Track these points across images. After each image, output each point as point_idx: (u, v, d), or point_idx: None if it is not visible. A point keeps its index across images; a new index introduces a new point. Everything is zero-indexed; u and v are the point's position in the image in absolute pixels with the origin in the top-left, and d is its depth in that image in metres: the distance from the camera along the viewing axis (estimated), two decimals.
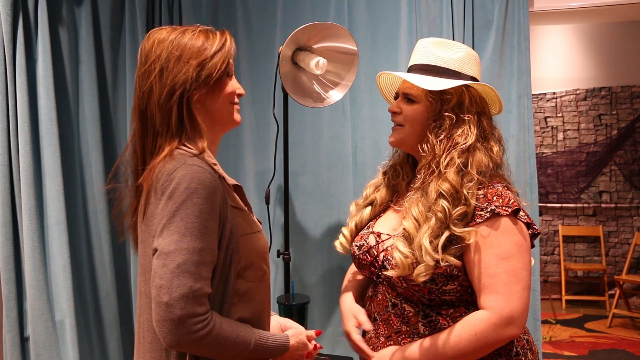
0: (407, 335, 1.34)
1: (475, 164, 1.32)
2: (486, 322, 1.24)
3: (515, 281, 1.24)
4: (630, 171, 5.73)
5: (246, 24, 2.80)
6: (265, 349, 1.18)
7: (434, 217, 1.27)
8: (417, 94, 1.41)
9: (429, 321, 1.33)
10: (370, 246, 1.43)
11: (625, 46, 5.65)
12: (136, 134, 1.20)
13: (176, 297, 1.03)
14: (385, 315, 1.38)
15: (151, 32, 1.22)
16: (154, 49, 1.17)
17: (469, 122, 1.36)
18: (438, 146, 1.35)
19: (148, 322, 1.16)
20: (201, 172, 1.10)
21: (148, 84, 1.16)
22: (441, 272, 1.27)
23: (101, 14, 2.47)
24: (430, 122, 1.39)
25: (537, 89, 5.78)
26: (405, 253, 1.28)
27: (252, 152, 2.79)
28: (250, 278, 1.18)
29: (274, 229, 2.65)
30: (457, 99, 1.37)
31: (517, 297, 1.24)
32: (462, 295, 1.32)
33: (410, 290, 1.32)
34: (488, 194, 1.31)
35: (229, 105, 1.24)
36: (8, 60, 2.04)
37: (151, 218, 1.12)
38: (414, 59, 1.48)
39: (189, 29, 1.20)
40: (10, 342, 2.07)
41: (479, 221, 1.28)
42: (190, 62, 1.15)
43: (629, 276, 5.07)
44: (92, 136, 2.38)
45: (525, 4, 2.46)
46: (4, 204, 2.05)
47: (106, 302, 2.42)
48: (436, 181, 1.31)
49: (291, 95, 2.21)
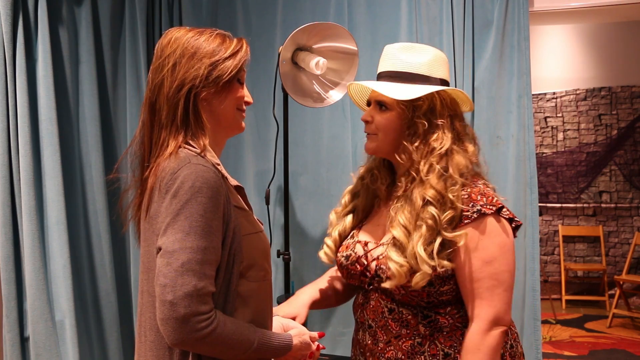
0: (408, 338, 1.35)
1: (455, 167, 1.33)
2: (478, 333, 1.30)
3: (497, 284, 1.30)
4: (630, 171, 5.73)
5: (246, 24, 2.80)
6: (269, 348, 1.18)
7: (424, 225, 1.29)
8: (389, 102, 1.40)
9: (429, 321, 1.35)
10: (359, 256, 1.43)
11: (625, 46, 5.65)
12: (145, 126, 1.22)
13: (180, 296, 1.04)
14: (381, 321, 1.38)
15: (169, 30, 1.24)
16: (170, 44, 1.20)
17: (443, 126, 1.36)
18: (415, 153, 1.35)
19: (150, 320, 1.16)
20: (205, 171, 1.10)
21: (160, 77, 1.18)
22: (437, 274, 1.30)
23: (101, 14, 2.47)
24: (404, 129, 1.38)
25: (537, 89, 5.78)
26: (400, 262, 1.29)
27: (252, 152, 2.79)
28: (253, 278, 1.19)
29: (274, 229, 2.65)
30: (428, 105, 1.36)
31: (498, 299, 1.30)
32: (457, 294, 1.35)
33: (409, 296, 1.33)
34: (472, 193, 1.33)
35: (235, 110, 1.25)
36: (8, 60, 2.04)
37: (155, 216, 1.13)
38: (382, 65, 1.47)
39: (206, 31, 1.22)
40: (10, 342, 2.07)
41: (467, 222, 1.31)
42: (203, 60, 1.17)
43: (629, 276, 5.07)
44: (92, 136, 2.38)
45: (525, 4, 2.46)
46: (4, 204, 2.05)
47: (106, 302, 2.42)
48: (419, 188, 1.32)
49: (291, 95, 2.21)
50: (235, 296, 1.16)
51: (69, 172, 2.30)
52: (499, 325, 1.31)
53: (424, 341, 1.35)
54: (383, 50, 1.49)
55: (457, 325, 1.36)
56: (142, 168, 1.22)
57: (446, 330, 1.35)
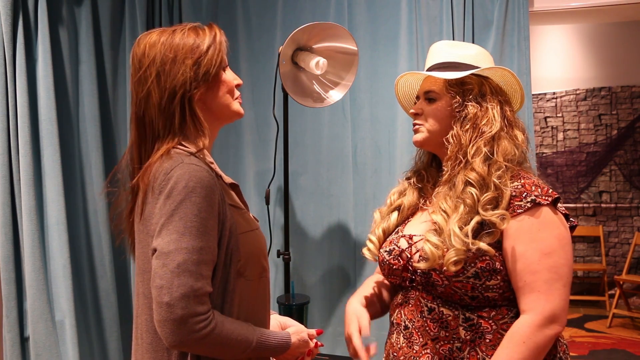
0: (446, 342, 1.28)
1: (501, 152, 1.31)
2: (530, 326, 1.21)
3: (556, 278, 1.22)
4: (630, 171, 5.73)
5: (246, 24, 2.80)
6: (267, 347, 1.17)
7: (462, 204, 1.26)
8: (439, 91, 1.41)
9: (470, 325, 1.27)
10: (402, 250, 1.38)
11: (625, 46, 5.65)
12: (134, 140, 1.20)
13: (177, 297, 1.03)
14: (419, 321, 1.32)
15: (140, 37, 1.20)
16: (147, 53, 1.16)
17: (493, 109, 1.36)
18: (464, 136, 1.34)
19: (147, 322, 1.16)
20: (199, 171, 1.09)
21: (145, 90, 1.15)
22: (484, 266, 1.24)
23: (101, 14, 2.47)
24: (454, 114, 1.38)
25: (537, 89, 5.78)
26: (435, 243, 1.26)
27: (252, 152, 2.79)
28: (250, 276, 1.18)
29: (274, 229, 2.65)
30: (478, 89, 1.37)
31: (557, 294, 1.22)
32: (504, 292, 1.28)
33: (452, 287, 1.26)
34: (526, 184, 1.29)
35: (230, 98, 1.23)
36: (8, 60, 2.04)
37: (149, 218, 1.12)
38: (431, 60, 1.48)
39: (177, 29, 1.19)
40: (10, 342, 2.07)
41: (519, 212, 1.25)
42: (186, 61, 1.15)
43: (629, 276, 5.07)
44: (92, 136, 2.38)
45: (525, 4, 2.46)
46: (4, 204, 2.05)
47: (106, 302, 2.42)
48: (463, 172, 1.31)
49: (291, 95, 2.21)
50: (233, 295, 1.15)
51: (69, 172, 2.30)
52: (554, 324, 1.21)
53: (463, 346, 1.26)
54: (430, 48, 1.51)
55: (501, 333, 1.26)
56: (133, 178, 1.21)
57: (489, 337, 1.26)
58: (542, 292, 1.22)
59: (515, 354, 1.20)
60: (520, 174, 1.32)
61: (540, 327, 1.21)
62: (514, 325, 1.24)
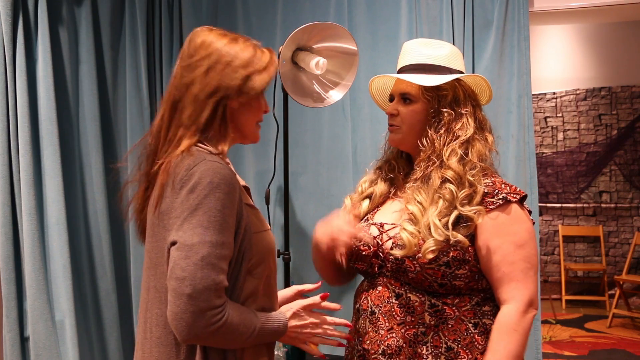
0: (411, 327, 1.35)
1: (475, 153, 1.39)
2: (516, 314, 1.32)
3: (529, 267, 1.35)
4: (630, 171, 5.73)
5: (246, 24, 2.80)
6: (268, 330, 1.19)
7: (442, 199, 1.34)
8: (415, 94, 1.45)
9: (435, 311, 1.35)
10: (374, 237, 1.43)
11: (625, 46, 5.65)
12: (163, 121, 1.21)
13: (200, 289, 1.05)
14: (386, 307, 1.38)
15: (201, 30, 1.23)
16: (204, 46, 1.19)
17: (467, 115, 1.42)
18: (438, 140, 1.40)
19: (157, 317, 1.16)
20: (222, 168, 1.12)
21: (190, 77, 1.18)
22: (455, 255, 1.32)
23: (101, 14, 2.47)
24: (429, 119, 1.43)
25: (537, 89, 5.78)
26: (412, 231, 1.33)
27: (252, 152, 2.79)
28: (259, 275, 1.20)
29: (274, 229, 2.65)
30: (452, 94, 1.43)
31: (531, 281, 1.35)
32: (469, 282, 1.36)
33: (424, 274, 1.33)
34: (496, 182, 1.39)
35: (255, 122, 1.27)
36: (8, 60, 2.05)
37: (166, 212, 1.13)
38: (403, 60, 1.51)
39: (240, 39, 1.22)
40: (10, 342, 2.08)
41: (491, 208, 1.35)
42: (240, 71, 1.17)
43: (629, 276, 5.08)
44: (92, 136, 2.38)
45: (525, 4, 2.46)
46: (4, 204, 2.06)
47: (106, 302, 2.42)
48: (438, 170, 1.37)
49: (291, 95, 2.21)
50: (240, 293, 1.17)
51: (69, 172, 2.30)
52: (531, 307, 1.33)
53: (427, 331, 1.35)
54: (402, 47, 1.53)
55: (462, 319, 1.36)
56: (150, 162, 1.23)
57: (451, 322, 1.35)
58: (520, 280, 1.33)
59: (511, 343, 1.30)
60: (489, 173, 1.42)
61: (524, 313, 1.32)
62: (500, 316, 1.34)
